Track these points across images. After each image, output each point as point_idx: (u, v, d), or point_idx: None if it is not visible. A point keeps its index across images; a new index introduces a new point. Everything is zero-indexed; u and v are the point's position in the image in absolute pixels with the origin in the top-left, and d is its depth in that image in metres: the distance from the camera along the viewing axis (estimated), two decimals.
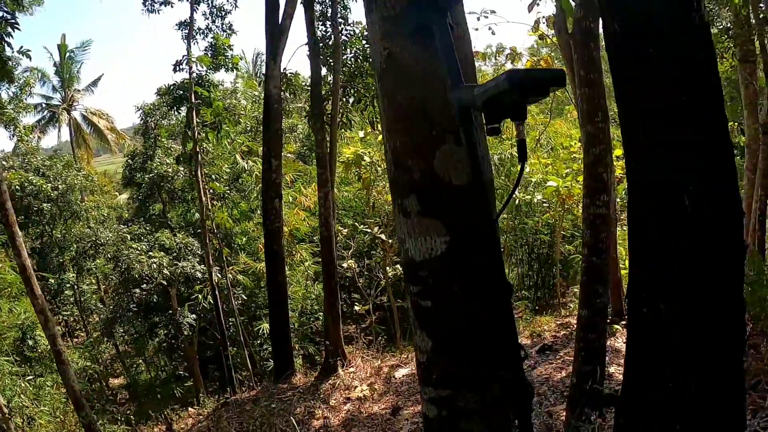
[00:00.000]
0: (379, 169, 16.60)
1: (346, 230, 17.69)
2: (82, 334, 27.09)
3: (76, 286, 24.65)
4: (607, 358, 7.78)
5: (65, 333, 25.43)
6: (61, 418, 14.27)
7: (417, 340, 2.80)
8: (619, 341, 10.58)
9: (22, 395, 15.54)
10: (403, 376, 11.15)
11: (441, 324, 2.68)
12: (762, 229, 10.97)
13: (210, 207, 17.07)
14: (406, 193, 2.62)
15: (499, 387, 2.81)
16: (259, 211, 20.06)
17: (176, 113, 18.92)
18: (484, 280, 2.49)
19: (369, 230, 16.20)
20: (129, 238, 20.59)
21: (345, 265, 15.95)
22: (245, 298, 19.89)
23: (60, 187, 23.94)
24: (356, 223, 18.20)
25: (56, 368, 16.44)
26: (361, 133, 17.85)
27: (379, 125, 16.16)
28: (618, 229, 14.09)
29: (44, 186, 23.26)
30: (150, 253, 19.51)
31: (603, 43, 8.99)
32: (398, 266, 15.98)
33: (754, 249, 10.42)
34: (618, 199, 14.36)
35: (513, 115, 1.82)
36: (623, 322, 11.35)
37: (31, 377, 17.29)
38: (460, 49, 2.40)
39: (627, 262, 11.53)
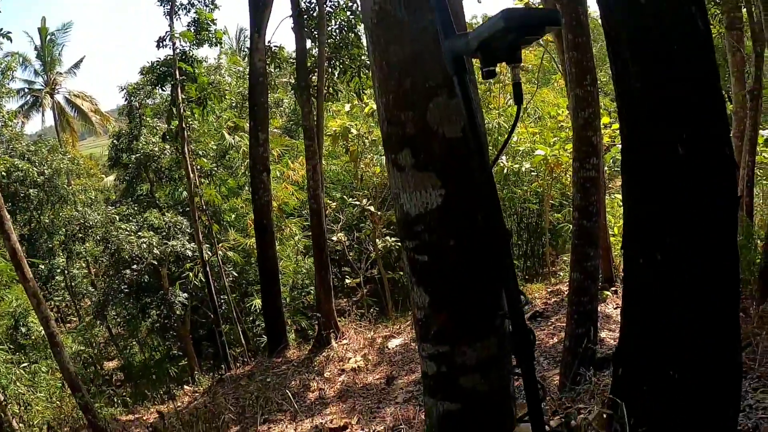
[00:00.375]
0: (366, 141, 16.56)
1: (334, 204, 17.67)
2: (75, 319, 27.02)
3: (66, 271, 24.54)
4: (598, 324, 7.85)
5: (57, 319, 25.29)
6: (58, 403, 14.27)
7: (414, 297, 2.80)
8: (609, 307, 10.68)
9: (17, 382, 15.55)
10: (397, 346, 11.21)
11: (438, 278, 2.68)
12: (750, 195, 11.05)
13: (198, 184, 16.98)
14: (399, 147, 2.60)
15: (497, 341, 2.82)
16: (247, 188, 19.99)
17: (161, 91, 18.72)
18: (481, 230, 2.49)
19: (358, 203, 16.19)
20: (117, 219, 20.41)
21: (335, 238, 15.94)
22: (236, 274, 19.85)
23: (46, 171, 23.71)
24: (345, 196, 18.17)
25: (50, 353, 16.46)
26: (347, 106, 17.76)
27: (365, 97, 16.08)
28: (606, 197, 14.16)
29: (30, 171, 23.00)
30: (139, 233, 19.38)
31: (589, 8, 8.94)
32: (388, 238, 15.99)
33: (742, 214, 10.50)
34: (606, 168, 14.39)
35: (508, 58, 1.80)
36: (613, 288, 11.46)
37: (25, 364, 17.27)
38: (451, 2, 2.37)
39: (616, 229, 11.66)
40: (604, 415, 3.00)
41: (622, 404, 2.57)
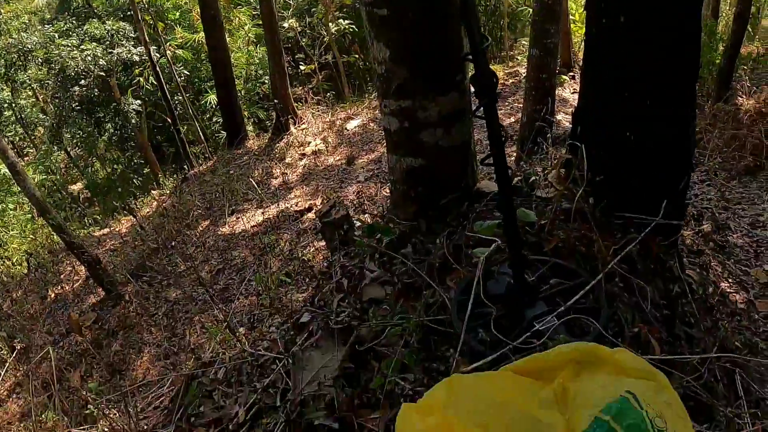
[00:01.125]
0: None
1: None
2: (32, 151, 26.40)
3: (13, 104, 23.51)
4: (555, 106, 7.94)
5: (15, 155, 24.51)
6: (32, 236, 14.44)
7: (374, 52, 2.76)
8: (566, 92, 10.76)
9: None
10: (355, 127, 11.25)
11: (397, 31, 2.63)
12: None
13: None
14: None
15: (458, 96, 2.84)
16: None
17: None
18: None
19: None
20: (56, 36, 19.17)
21: (286, 25, 15.27)
22: (188, 73, 19.17)
23: None
24: None
25: (13, 191, 16.74)
26: None
27: None
28: None
29: None
30: (81, 46, 18.37)
31: None
32: (341, 21, 15.43)
33: (708, 14, 10.47)
34: None
35: None
36: (571, 74, 11.49)
37: None
38: None
39: (577, 15, 11.48)
40: (562, 171, 3.10)
41: (581, 146, 2.63)
